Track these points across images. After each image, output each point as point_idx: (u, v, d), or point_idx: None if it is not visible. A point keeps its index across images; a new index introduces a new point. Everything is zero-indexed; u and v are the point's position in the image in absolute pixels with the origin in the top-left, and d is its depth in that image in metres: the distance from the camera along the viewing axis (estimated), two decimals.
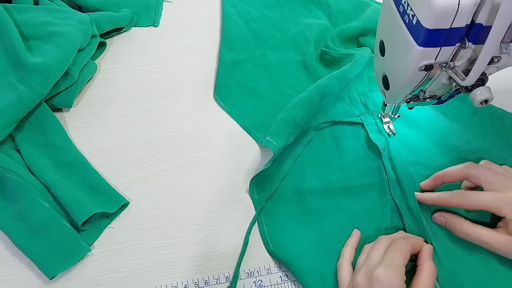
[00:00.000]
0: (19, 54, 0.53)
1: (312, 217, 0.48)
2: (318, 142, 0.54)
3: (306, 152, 0.53)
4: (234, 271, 0.45)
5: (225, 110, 0.58)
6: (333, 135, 0.55)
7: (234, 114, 0.57)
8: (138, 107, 0.58)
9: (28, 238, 0.44)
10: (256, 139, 0.55)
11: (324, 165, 0.52)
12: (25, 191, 0.46)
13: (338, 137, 0.55)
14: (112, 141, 0.54)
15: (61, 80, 0.55)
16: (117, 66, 0.62)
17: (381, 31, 0.44)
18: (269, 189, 0.50)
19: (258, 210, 0.48)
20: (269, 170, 0.50)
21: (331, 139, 0.55)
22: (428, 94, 0.45)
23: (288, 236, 0.46)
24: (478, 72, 0.37)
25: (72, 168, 0.50)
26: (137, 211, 0.49)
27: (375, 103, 0.57)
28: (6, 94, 0.51)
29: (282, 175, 0.51)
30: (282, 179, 0.51)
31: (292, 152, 0.53)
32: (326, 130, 0.55)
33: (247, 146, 0.55)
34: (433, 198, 0.46)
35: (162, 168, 0.52)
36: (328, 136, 0.55)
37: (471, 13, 0.34)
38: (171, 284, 0.44)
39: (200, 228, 0.48)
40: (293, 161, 0.52)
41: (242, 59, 0.64)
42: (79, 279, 0.44)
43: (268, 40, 0.66)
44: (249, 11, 0.70)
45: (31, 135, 0.52)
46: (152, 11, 0.69)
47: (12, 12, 0.59)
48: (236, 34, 0.66)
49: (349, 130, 0.55)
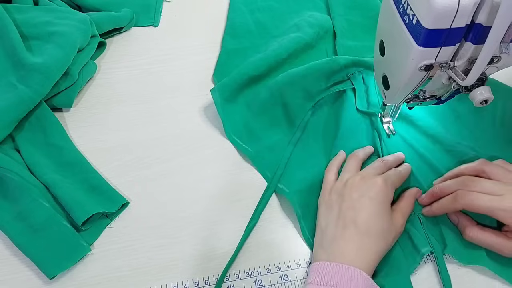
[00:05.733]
0: (19, 54, 0.53)
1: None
2: (315, 124, 0.55)
3: (304, 137, 0.54)
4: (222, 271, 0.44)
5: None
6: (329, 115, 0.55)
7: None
8: (138, 107, 0.58)
9: (28, 238, 0.44)
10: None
11: (325, 142, 0.53)
12: (25, 191, 0.46)
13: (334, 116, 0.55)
14: (112, 141, 0.54)
15: (61, 80, 0.55)
16: (117, 66, 0.62)
17: (381, 31, 0.44)
18: (272, 175, 0.50)
19: (258, 210, 0.48)
20: (268, 159, 0.51)
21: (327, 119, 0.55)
22: (428, 94, 0.45)
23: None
24: (478, 72, 0.37)
25: (72, 168, 0.50)
26: (137, 211, 0.49)
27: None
28: (6, 94, 0.51)
29: (283, 163, 0.51)
30: (284, 167, 0.51)
31: (291, 139, 0.53)
32: (321, 111, 0.56)
33: None
34: (436, 209, 0.46)
35: (162, 167, 0.52)
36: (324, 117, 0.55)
37: (471, 13, 0.34)
38: (171, 284, 0.44)
39: (200, 228, 0.48)
40: (293, 147, 0.53)
41: (244, 48, 0.64)
42: (79, 279, 0.44)
43: (271, 30, 0.67)
44: (255, 0, 0.70)
45: (31, 135, 0.52)
46: (152, 11, 0.69)
47: (12, 12, 0.59)
48: (240, 23, 0.67)
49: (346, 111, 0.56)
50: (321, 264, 0.40)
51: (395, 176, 0.46)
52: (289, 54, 0.60)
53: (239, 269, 0.45)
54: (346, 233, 0.42)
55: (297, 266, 0.45)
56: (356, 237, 0.41)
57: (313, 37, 0.63)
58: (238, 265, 0.45)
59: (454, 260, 0.45)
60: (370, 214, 0.42)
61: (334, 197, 0.45)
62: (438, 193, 0.46)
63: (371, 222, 0.42)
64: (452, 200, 0.44)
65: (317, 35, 0.63)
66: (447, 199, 0.45)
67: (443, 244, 0.45)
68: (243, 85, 0.57)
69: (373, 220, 0.42)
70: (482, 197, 0.42)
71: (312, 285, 0.39)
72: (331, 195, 0.46)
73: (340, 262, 0.40)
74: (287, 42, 0.61)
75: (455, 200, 0.44)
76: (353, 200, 0.43)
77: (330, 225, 0.43)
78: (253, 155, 0.53)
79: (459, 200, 0.43)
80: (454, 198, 0.44)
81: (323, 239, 0.43)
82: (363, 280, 0.38)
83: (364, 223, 0.41)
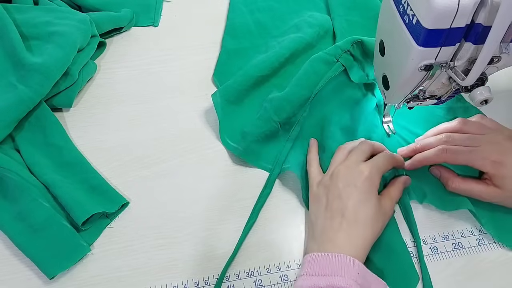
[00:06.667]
0: (19, 54, 0.53)
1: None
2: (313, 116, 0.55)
3: (304, 133, 0.54)
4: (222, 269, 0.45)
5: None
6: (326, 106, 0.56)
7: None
8: (138, 107, 0.58)
9: (28, 238, 0.44)
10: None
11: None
12: (25, 191, 0.46)
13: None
14: (112, 141, 0.54)
15: (61, 80, 0.55)
16: (117, 66, 0.62)
17: (381, 31, 0.44)
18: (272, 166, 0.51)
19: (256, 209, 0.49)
20: (258, 151, 0.52)
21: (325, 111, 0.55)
22: (428, 94, 0.45)
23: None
24: (478, 72, 0.37)
25: (72, 168, 0.50)
26: (137, 211, 0.49)
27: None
28: (6, 94, 0.51)
29: (282, 156, 0.51)
30: (282, 162, 0.51)
31: (289, 134, 0.53)
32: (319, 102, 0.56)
33: None
34: (419, 160, 0.49)
35: (162, 167, 0.52)
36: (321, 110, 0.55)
37: (471, 13, 0.34)
38: (171, 284, 0.44)
39: (200, 228, 0.48)
40: (291, 143, 0.53)
41: (244, 48, 0.64)
42: (79, 279, 0.44)
43: (271, 30, 0.67)
44: (255, 0, 0.70)
45: (31, 135, 0.52)
46: (152, 11, 0.69)
47: (12, 12, 0.59)
48: (240, 23, 0.67)
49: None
50: (312, 255, 0.41)
51: (383, 161, 0.46)
52: (291, 54, 0.60)
53: (239, 269, 0.45)
54: (334, 223, 0.42)
55: (297, 266, 0.45)
56: (345, 226, 0.42)
57: (314, 36, 0.63)
58: (238, 265, 0.45)
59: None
60: (356, 203, 0.43)
61: (321, 190, 0.46)
62: (419, 148, 0.50)
63: (358, 210, 0.43)
64: (434, 152, 0.47)
65: (317, 35, 0.63)
66: (430, 151, 0.48)
67: (423, 195, 0.49)
68: (248, 86, 0.56)
69: (360, 208, 0.43)
70: (461, 149, 0.46)
71: (304, 276, 0.40)
72: (319, 188, 0.46)
73: (331, 252, 0.40)
74: (288, 42, 0.61)
75: (436, 153, 0.47)
76: (339, 190, 0.44)
77: (319, 217, 0.44)
78: (242, 152, 0.52)
79: (440, 154, 0.47)
80: (436, 151, 0.47)
81: (314, 231, 0.44)
82: (354, 266, 0.39)
83: (351, 212, 0.42)
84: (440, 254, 0.46)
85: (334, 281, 0.38)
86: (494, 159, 0.45)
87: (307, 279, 0.39)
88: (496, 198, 0.46)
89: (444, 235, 0.48)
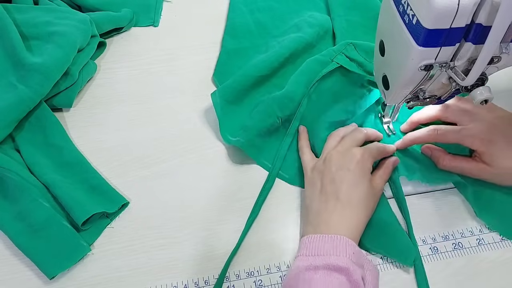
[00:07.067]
0: (19, 54, 0.53)
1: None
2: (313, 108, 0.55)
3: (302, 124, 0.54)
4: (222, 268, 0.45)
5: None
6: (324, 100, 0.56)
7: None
8: (138, 107, 0.58)
9: (28, 238, 0.44)
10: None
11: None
12: (25, 191, 0.46)
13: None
14: (112, 141, 0.54)
15: (61, 80, 0.55)
16: (117, 66, 0.62)
17: (381, 31, 0.44)
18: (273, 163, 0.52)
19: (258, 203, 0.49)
20: (260, 146, 0.52)
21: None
22: (428, 94, 0.45)
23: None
24: (478, 72, 0.37)
25: (72, 168, 0.50)
26: (137, 211, 0.49)
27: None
28: (6, 94, 0.51)
29: (281, 155, 0.52)
30: (283, 157, 0.52)
31: (288, 129, 0.54)
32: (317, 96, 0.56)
33: None
34: (410, 139, 0.50)
35: (162, 167, 0.52)
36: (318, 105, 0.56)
37: (471, 13, 0.34)
38: (171, 284, 0.44)
39: (200, 228, 0.48)
40: (291, 137, 0.53)
41: (244, 48, 0.64)
42: (79, 279, 0.44)
43: (271, 30, 0.67)
44: (255, 0, 0.71)
45: (31, 135, 0.52)
46: (152, 11, 0.69)
47: (12, 12, 0.59)
48: (240, 23, 0.67)
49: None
50: (308, 237, 0.42)
51: (375, 149, 0.48)
52: (291, 54, 0.60)
53: (239, 269, 0.45)
54: (329, 206, 0.44)
55: None
56: (339, 208, 0.43)
57: (314, 36, 0.63)
58: (238, 265, 0.45)
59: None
60: (350, 185, 0.44)
61: (315, 174, 0.47)
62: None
63: (352, 193, 0.44)
64: (426, 131, 0.49)
65: (317, 34, 0.63)
66: (421, 130, 0.50)
67: (412, 172, 0.50)
68: (248, 86, 0.56)
69: (353, 190, 0.44)
70: (452, 127, 0.49)
71: (300, 257, 0.41)
72: (313, 172, 0.48)
73: (326, 233, 0.41)
74: (288, 42, 0.61)
75: (428, 132, 0.49)
76: (333, 173, 0.45)
77: (314, 200, 0.45)
78: (244, 144, 0.52)
79: (431, 133, 0.49)
80: (427, 130, 0.49)
81: (309, 215, 0.45)
82: (348, 246, 0.40)
83: (345, 194, 0.44)
84: (440, 254, 0.46)
85: (330, 260, 0.39)
86: (483, 137, 0.46)
87: (303, 260, 0.40)
88: (485, 175, 0.48)
89: (444, 235, 0.48)
